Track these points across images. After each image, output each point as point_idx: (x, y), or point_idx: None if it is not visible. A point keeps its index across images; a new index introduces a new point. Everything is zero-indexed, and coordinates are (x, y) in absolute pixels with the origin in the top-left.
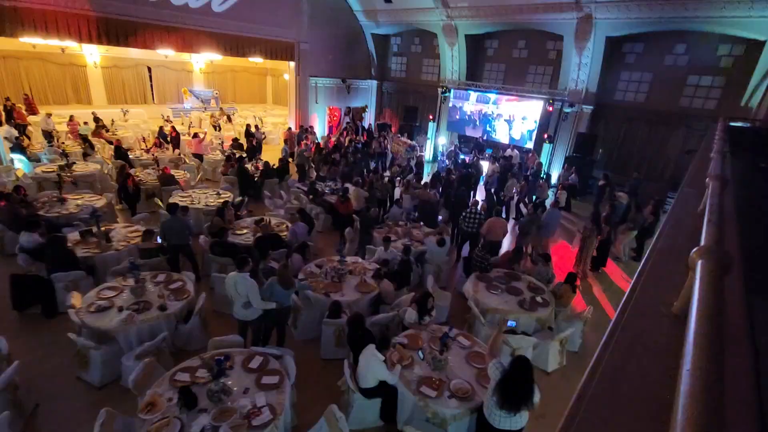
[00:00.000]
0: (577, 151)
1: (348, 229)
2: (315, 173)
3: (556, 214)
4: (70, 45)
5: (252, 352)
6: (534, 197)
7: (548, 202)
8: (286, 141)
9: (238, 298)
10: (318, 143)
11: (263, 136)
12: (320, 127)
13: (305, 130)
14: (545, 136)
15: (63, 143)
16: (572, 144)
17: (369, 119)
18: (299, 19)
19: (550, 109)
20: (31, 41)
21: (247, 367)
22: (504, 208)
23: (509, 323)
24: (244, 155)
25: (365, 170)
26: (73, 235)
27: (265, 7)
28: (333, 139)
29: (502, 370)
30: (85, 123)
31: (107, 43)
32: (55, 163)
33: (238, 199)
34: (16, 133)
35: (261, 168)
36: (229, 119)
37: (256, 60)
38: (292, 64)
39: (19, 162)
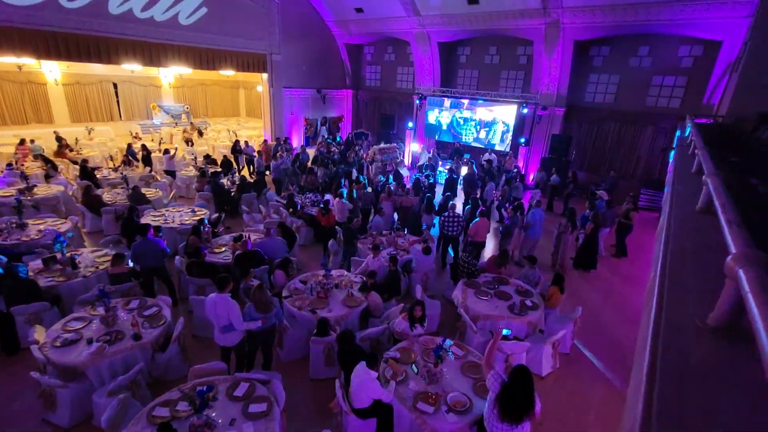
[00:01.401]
0: (552, 153)
1: (331, 242)
2: (291, 186)
3: (539, 215)
4: (28, 62)
5: (237, 379)
6: (513, 199)
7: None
8: (260, 153)
9: (218, 321)
10: (297, 154)
11: (254, 152)
12: (296, 139)
13: (282, 142)
14: (522, 140)
15: (22, 165)
16: (547, 145)
17: (346, 129)
18: (270, 31)
19: (525, 111)
20: None
21: (232, 396)
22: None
23: (504, 332)
24: (219, 170)
25: (345, 180)
26: (35, 264)
27: (235, 19)
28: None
29: (501, 381)
30: (32, 141)
31: (68, 59)
32: (13, 187)
33: (215, 215)
34: None
35: (237, 182)
36: (201, 133)
37: (228, 73)
38: (265, 75)
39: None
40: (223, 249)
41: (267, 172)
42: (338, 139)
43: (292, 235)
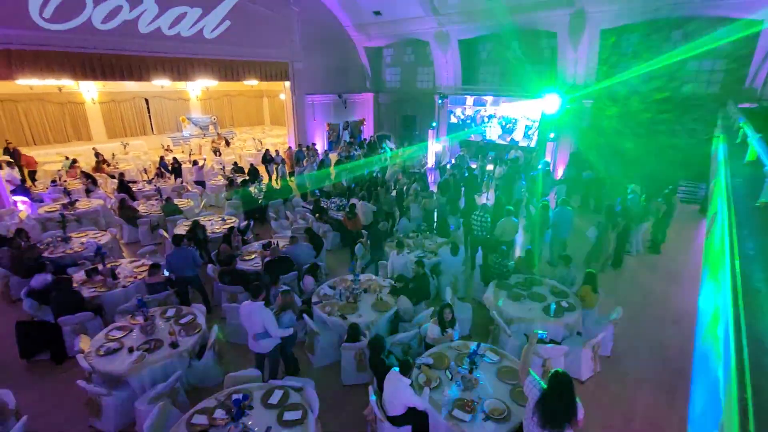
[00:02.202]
0: (581, 147)
1: (358, 246)
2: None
3: (566, 212)
4: (67, 83)
5: (271, 386)
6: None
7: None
8: (284, 160)
9: (252, 329)
10: (321, 160)
11: (281, 160)
12: (320, 144)
13: (308, 148)
14: (551, 135)
15: (65, 181)
16: (575, 140)
17: (368, 131)
18: (291, 39)
19: (548, 105)
20: (28, 83)
21: (267, 404)
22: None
23: (540, 335)
24: (247, 178)
25: (371, 184)
26: (78, 275)
27: (257, 30)
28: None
29: (540, 387)
30: (66, 158)
31: (103, 78)
32: (57, 202)
33: (244, 223)
34: (18, 175)
35: (263, 190)
36: (228, 143)
37: (251, 83)
38: (288, 83)
39: (22, 204)
40: (253, 256)
41: (291, 178)
42: (359, 139)
43: (319, 240)
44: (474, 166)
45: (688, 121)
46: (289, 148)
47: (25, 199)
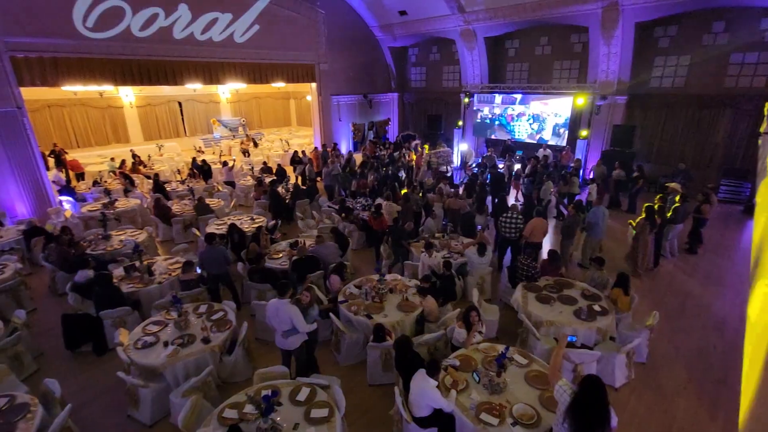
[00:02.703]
0: (614, 144)
1: (384, 245)
2: (342, 191)
3: (600, 213)
4: (107, 89)
5: (298, 383)
6: (571, 196)
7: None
8: (311, 161)
9: (279, 326)
10: (348, 159)
11: (308, 161)
12: (345, 145)
13: (332, 149)
14: (585, 133)
15: (106, 182)
16: (608, 137)
17: (393, 131)
18: (318, 41)
19: (578, 101)
20: (72, 89)
21: (294, 400)
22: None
23: (569, 338)
24: (275, 178)
25: (395, 183)
26: (118, 271)
27: (284, 33)
28: (360, 154)
29: (571, 393)
30: (112, 159)
31: (141, 83)
32: (99, 202)
33: (271, 222)
34: (63, 177)
35: (291, 190)
36: (256, 144)
37: (279, 85)
38: (314, 85)
39: (67, 203)
40: (281, 255)
41: (318, 179)
42: (383, 139)
43: (345, 239)
44: (501, 165)
45: (730, 117)
46: (315, 148)
47: (70, 198)
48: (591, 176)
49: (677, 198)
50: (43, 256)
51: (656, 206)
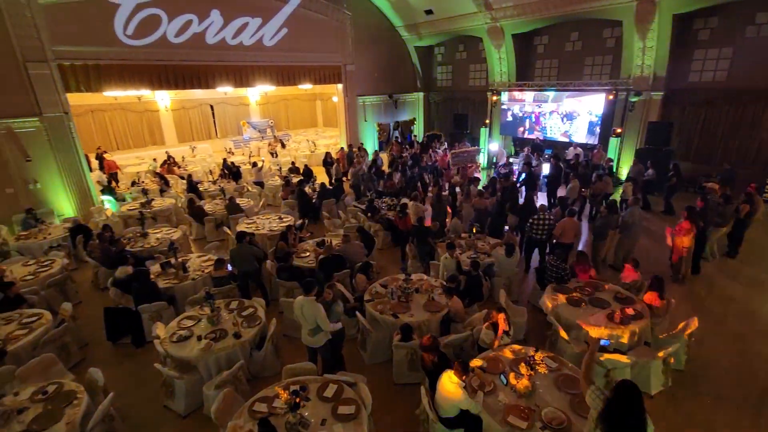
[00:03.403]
0: (650, 143)
1: (409, 245)
2: (368, 191)
3: (637, 214)
4: (145, 93)
5: (326, 380)
6: (605, 196)
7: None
8: (338, 161)
9: (305, 323)
10: (374, 159)
11: (336, 161)
12: (370, 145)
13: (358, 149)
14: (618, 131)
15: (143, 182)
16: (643, 135)
17: (418, 131)
18: (344, 42)
19: (610, 97)
20: (113, 94)
21: (322, 396)
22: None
23: (602, 342)
24: (302, 178)
25: (421, 183)
26: (154, 268)
27: (312, 35)
28: (385, 154)
29: (604, 398)
30: (154, 160)
31: (176, 87)
32: (137, 201)
33: (299, 222)
34: (105, 177)
35: (318, 189)
36: (283, 145)
37: (306, 86)
38: (340, 86)
39: (108, 203)
40: (308, 253)
41: (344, 178)
42: (408, 138)
43: (371, 239)
44: (534, 164)
45: None
46: (341, 148)
47: (111, 198)
48: (627, 176)
49: (724, 199)
50: (87, 253)
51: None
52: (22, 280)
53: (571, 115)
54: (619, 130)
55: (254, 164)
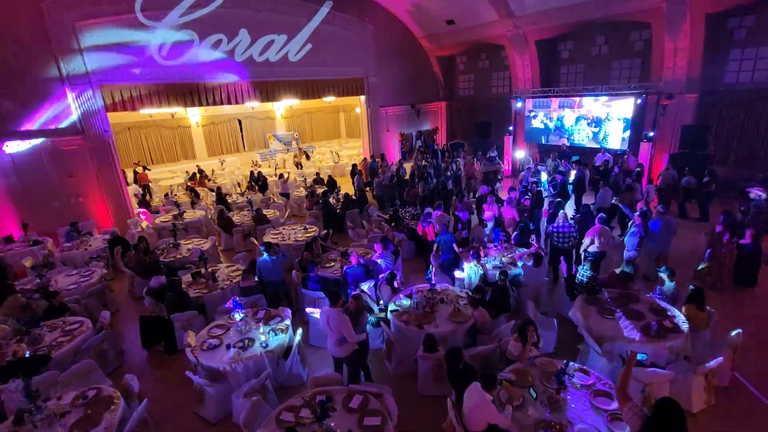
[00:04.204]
0: (684, 147)
1: (433, 255)
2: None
3: (669, 221)
4: (178, 110)
5: (351, 390)
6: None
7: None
8: (360, 171)
9: (331, 334)
10: (397, 169)
11: (359, 171)
12: (393, 155)
13: (381, 159)
14: (650, 133)
15: (175, 195)
16: (677, 139)
17: (441, 140)
18: (366, 55)
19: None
20: (149, 111)
21: (347, 407)
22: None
23: (639, 356)
24: (326, 189)
25: (443, 192)
26: (186, 278)
27: (335, 49)
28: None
29: (643, 416)
30: (187, 172)
31: (206, 104)
32: (170, 213)
33: (323, 232)
34: (141, 191)
35: (342, 200)
36: (308, 157)
37: (329, 99)
38: (363, 97)
39: (143, 215)
40: (332, 264)
41: (367, 188)
42: (431, 147)
43: (395, 249)
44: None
45: None
46: (364, 159)
47: (146, 210)
48: (658, 182)
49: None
50: (124, 263)
51: (744, 215)
52: (65, 289)
53: (599, 121)
54: (651, 134)
55: (280, 176)
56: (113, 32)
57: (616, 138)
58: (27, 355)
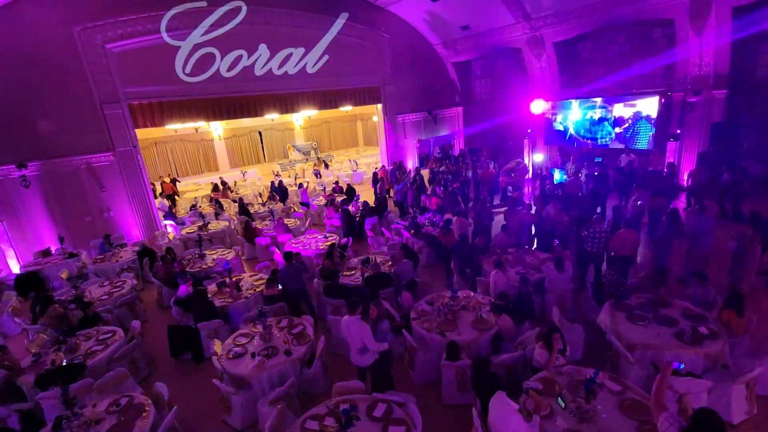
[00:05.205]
0: (714, 145)
1: (454, 262)
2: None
3: (705, 221)
4: (201, 124)
5: (375, 399)
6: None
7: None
8: (381, 179)
9: (354, 343)
10: (415, 176)
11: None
12: (411, 162)
13: (399, 166)
14: (676, 132)
15: (200, 206)
16: (705, 137)
17: (458, 146)
18: (382, 64)
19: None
20: (174, 127)
21: (371, 416)
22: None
23: (675, 365)
24: (345, 197)
25: (462, 198)
26: (211, 287)
27: (352, 59)
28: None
29: (680, 427)
30: (212, 183)
31: (228, 117)
32: (195, 225)
33: (343, 240)
34: (168, 203)
35: (361, 208)
36: (326, 166)
37: (346, 108)
38: (380, 106)
39: (170, 227)
40: (353, 272)
41: (387, 196)
42: (448, 153)
43: (415, 256)
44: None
45: None
46: (383, 167)
47: (173, 222)
48: (688, 183)
49: None
50: (152, 274)
51: None
52: (98, 299)
53: (623, 120)
54: (675, 133)
55: (300, 185)
56: (140, 52)
57: (641, 138)
58: (64, 364)
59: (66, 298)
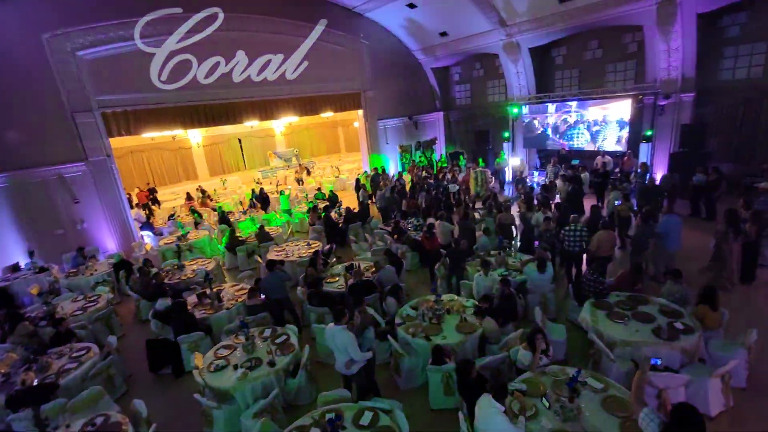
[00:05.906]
0: (684, 146)
1: (438, 265)
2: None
3: (674, 222)
4: (178, 132)
5: (361, 407)
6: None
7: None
8: (364, 185)
9: (338, 352)
10: (396, 180)
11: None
12: (393, 167)
13: (382, 171)
14: (648, 133)
15: (178, 216)
16: (676, 139)
17: (439, 150)
18: (362, 70)
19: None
20: (150, 135)
21: (358, 425)
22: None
23: (652, 361)
24: (327, 204)
25: (445, 202)
26: (191, 299)
27: (331, 66)
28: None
29: (660, 422)
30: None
31: (206, 125)
32: (173, 235)
33: (326, 247)
34: (144, 214)
35: (343, 214)
36: (308, 172)
37: (327, 114)
38: (360, 111)
39: (147, 237)
40: (337, 279)
41: (370, 201)
42: (433, 156)
43: (399, 261)
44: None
45: None
46: (365, 172)
47: (150, 233)
48: (661, 182)
49: None
50: (129, 287)
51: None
52: (71, 315)
53: (597, 124)
54: (650, 132)
55: (281, 192)
56: (113, 59)
57: (613, 140)
58: (35, 383)
59: (37, 315)
